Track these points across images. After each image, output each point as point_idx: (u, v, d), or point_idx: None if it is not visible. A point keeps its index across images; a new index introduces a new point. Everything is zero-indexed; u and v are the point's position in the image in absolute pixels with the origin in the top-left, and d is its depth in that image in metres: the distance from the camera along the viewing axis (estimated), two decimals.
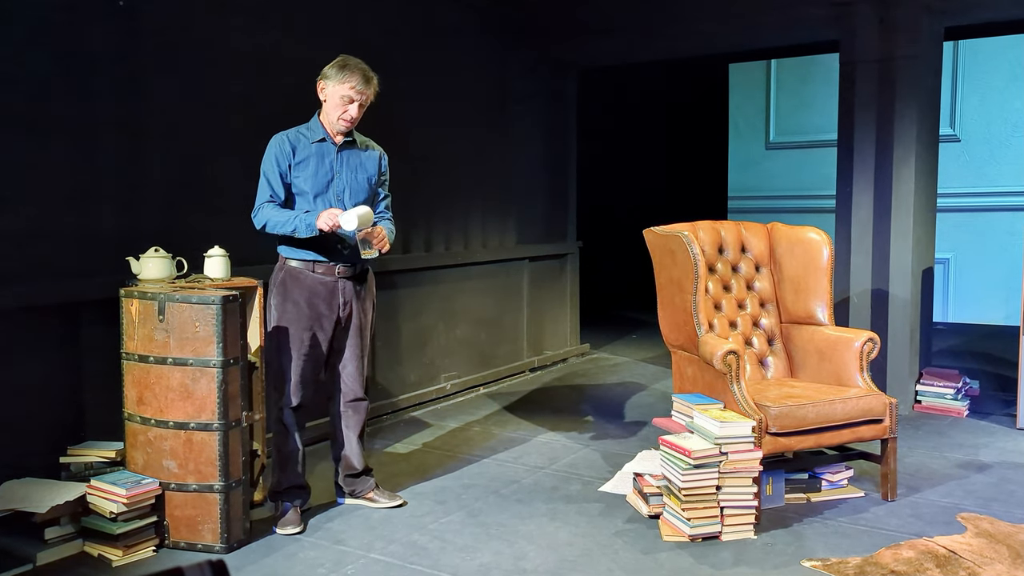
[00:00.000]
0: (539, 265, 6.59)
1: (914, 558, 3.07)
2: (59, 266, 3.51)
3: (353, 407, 3.62)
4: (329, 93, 3.38)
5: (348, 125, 3.40)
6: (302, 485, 3.55)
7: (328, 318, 3.46)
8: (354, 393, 3.60)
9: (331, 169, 3.42)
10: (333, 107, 3.38)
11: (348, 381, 3.58)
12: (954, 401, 5.10)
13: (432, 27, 5.47)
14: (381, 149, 3.62)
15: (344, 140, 3.46)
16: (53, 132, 3.49)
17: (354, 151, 3.49)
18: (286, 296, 3.42)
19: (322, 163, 3.41)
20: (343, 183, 3.44)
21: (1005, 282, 7.80)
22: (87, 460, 3.37)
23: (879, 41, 5.11)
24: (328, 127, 3.43)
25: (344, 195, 3.44)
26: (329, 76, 3.38)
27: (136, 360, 3.25)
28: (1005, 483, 3.90)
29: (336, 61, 3.39)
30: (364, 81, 3.36)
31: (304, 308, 3.42)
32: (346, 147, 3.47)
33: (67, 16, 3.52)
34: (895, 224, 5.13)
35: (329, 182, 3.42)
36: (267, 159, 3.39)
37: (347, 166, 3.46)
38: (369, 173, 3.52)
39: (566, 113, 6.88)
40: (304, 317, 3.42)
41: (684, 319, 3.86)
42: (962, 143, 8.25)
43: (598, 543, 3.27)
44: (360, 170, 3.49)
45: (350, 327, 3.52)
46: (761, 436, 3.43)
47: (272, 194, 3.37)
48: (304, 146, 3.41)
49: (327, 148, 3.43)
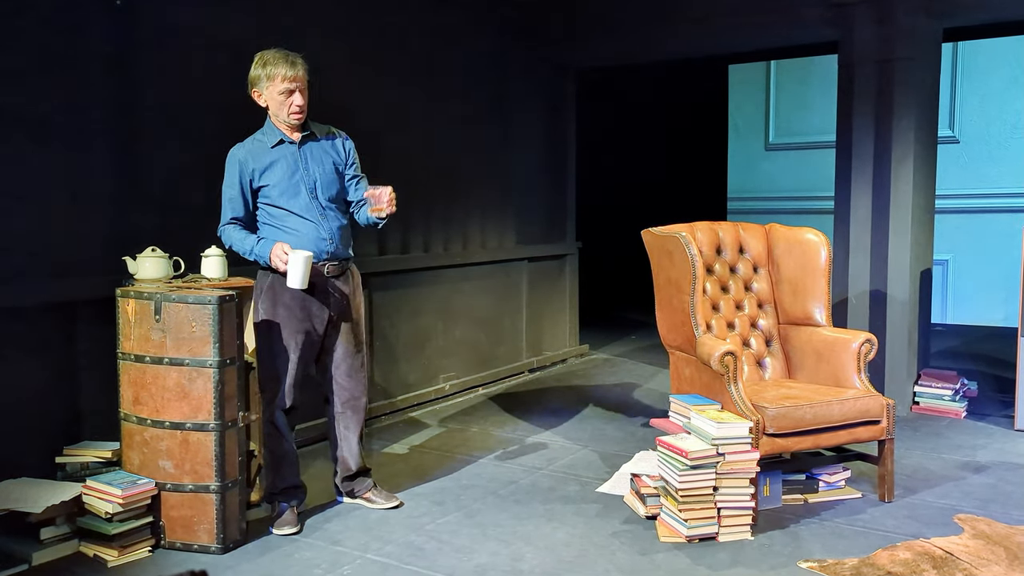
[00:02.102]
0: (538, 266, 6.59)
1: (911, 559, 3.06)
2: (55, 265, 3.51)
3: (351, 407, 3.59)
4: (267, 95, 3.34)
5: (300, 115, 3.36)
6: (297, 485, 3.54)
7: (320, 317, 3.44)
8: (350, 392, 3.58)
9: (297, 168, 3.39)
10: (278, 106, 3.34)
11: (342, 380, 3.56)
12: (952, 402, 5.09)
13: (431, 27, 5.46)
14: (342, 133, 3.56)
15: (302, 135, 3.43)
16: (50, 131, 3.49)
17: (315, 143, 3.46)
18: (276, 300, 3.39)
19: (287, 164, 3.37)
20: (312, 178, 3.41)
21: (1004, 283, 7.80)
22: (83, 460, 3.37)
23: (878, 42, 5.11)
24: (282, 127, 3.40)
25: (317, 190, 3.41)
26: (258, 80, 3.33)
27: (132, 360, 3.24)
28: (1002, 484, 3.89)
29: (256, 62, 3.34)
30: (291, 66, 3.30)
31: (296, 311, 3.39)
32: (306, 141, 3.44)
33: (66, 16, 3.52)
34: (893, 225, 5.13)
35: (298, 181, 3.38)
36: (226, 178, 3.39)
37: (312, 160, 3.42)
38: (335, 160, 3.49)
39: (565, 113, 6.87)
40: (296, 320, 3.39)
41: (682, 320, 3.86)
42: (961, 144, 8.24)
43: (595, 544, 3.27)
44: (325, 160, 3.46)
45: (341, 325, 3.51)
46: (758, 437, 3.43)
47: (233, 215, 3.39)
48: (262, 153, 3.37)
49: (287, 148, 3.40)
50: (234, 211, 3.39)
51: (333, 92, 4.30)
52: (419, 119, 5.34)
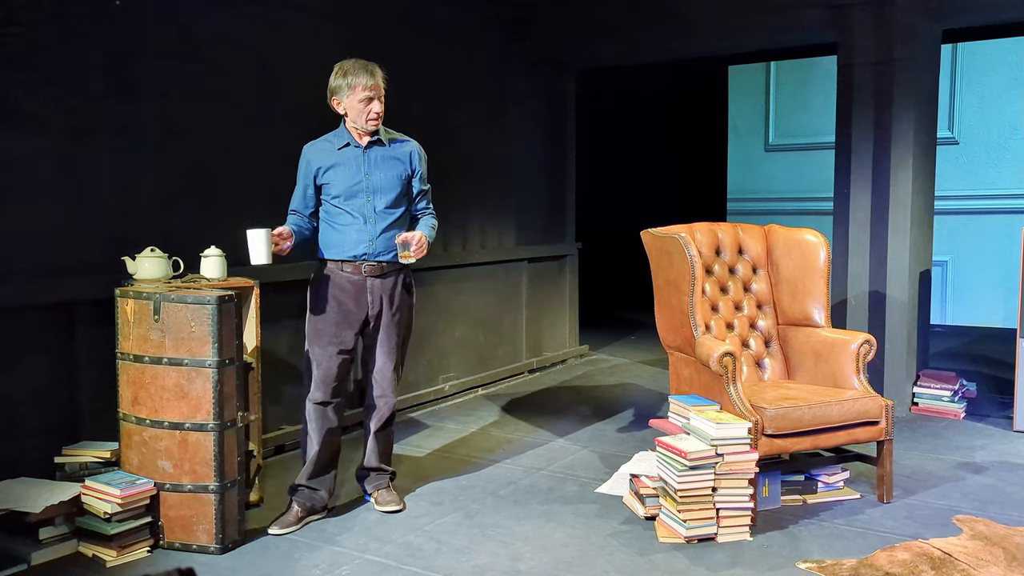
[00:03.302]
0: (538, 266, 6.59)
1: (909, 560, 3.07)
2: (55, 265, 3.50)
3: (378, 403, 3.64)
4: (347, 104, 3.44)
5: (377, 122, 3.46)
6: (310, 487, 3.51)
7: (356, 315, 3.51)
8: (380, 389, 3.63)
9: (359, 171, 3.47)
10: (357, 114, 3.44)
11: (376, 377, 3.62)
12: (951, 403, 5.09)
13: (431, 27, 5.47)
14: (415, 142, 3.64)
15: (369, 140, 3.50)
16: (50, 131, 3.48)
17: (380, 148, 3.53)
18: (318, 293, 3.51)
19: (349, 167, 3.47)
20: (373, 183, 3.48)
21: (1003, 284, 7.81)
22: (82, 460, 3.37)
23: (877, 43, 5.11)
24: (355, 132, 3.49)
25: (375, 195, 3.48)
26: (339, 89, 3.43)
27: (131, 360, 3.24)
28: (1001, 485, 3.89)
29: (336, 72, 3.44)
30: (370, 75, 3.41)
31: (333, 305, 3.49)
32: (372, 146, 3.51)
33: (65, 15, 3.52)
34: (893, 226, 5.13)
35: (358, 184, 3.46)
36: (299, 171, 3.54)
37: (375, 165, 3.50)
38: (400, 168, 3.55)
39: (565, 114, 6.87)
40: (332, 313, 3.49)
41: (681, 320, 3.86)
42: (960, 146, 8.24)
43: (594, 544, 3.27)
44: (390, 167, 3.52)
45: (380, 325, 3.55)
46: (757, 438, 3.43)
47: (293, 206, 3.54)
48: (329, 154, 3.48)
49: (352, 152, 3.49)
50: (295, 203, 3.54)
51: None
52: (419, 119, 5.33)
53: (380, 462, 3.69)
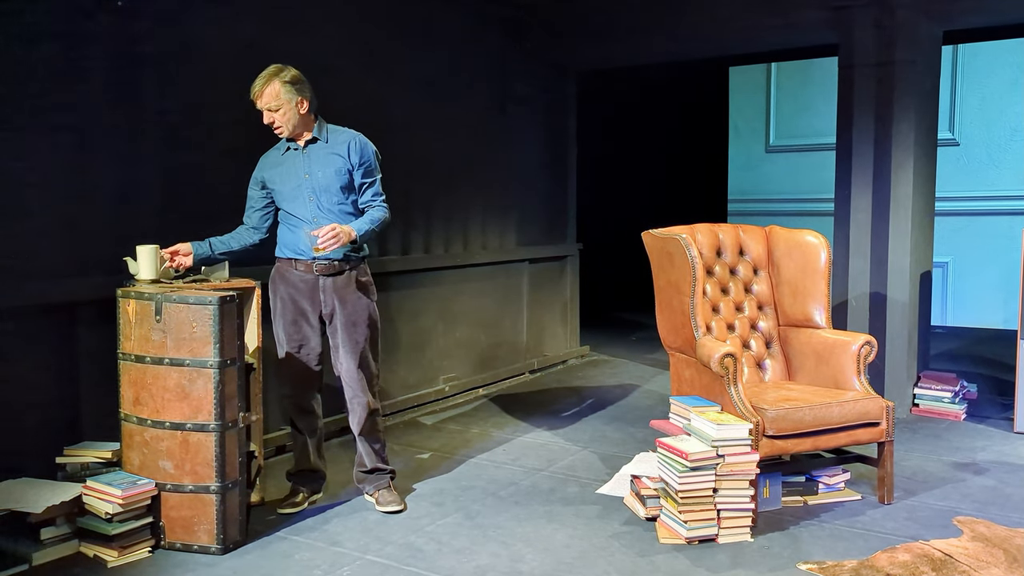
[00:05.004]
0: (539, 267, 6.59)
1: (910, 561, 3.07)
2: (56, 266, 3.51)
3: (352, 405, 3.63)
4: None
5: (281, 133, 3.49)
6: (312, 470, 3.69)
7: (311, 314, 3.57)
8: (351, 391, 3.61)
9: (299, 172, 3.51)
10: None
11: (345, 379, 3.61)
12: (952, 404, 5.09)
13: (431, 28, 5.47)
14: (352, 132, 3.59)
15: (306, 140, 3.53)
16: (51, 132, 3.49)
17: (319, 146, 3.54)
18: (275, 292, 3.60)
19: (290, 167, 3.53)
20: (316, 182, 3.50)
21: (1003, 286, 7.81)
22: (83, 460, 3.37)
23: (878, 45, 5.11)
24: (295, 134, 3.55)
25: (318, 194, 3.50)
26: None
27: (133, 360, 3.25)
28: (1002, 487, 3.89)
29: None
30: (255, 97, 3.43)
31: (288, 303, 3.57)
32: (310, 145, 3.54)
33: (65, 16, 3.52)
34: (893, 227, 5.13)
35: (299, 185, 3.51)
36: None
37: (316, 164, 3.51)
38: (339, 163, 3.51)
39: (566, 115, 6.88)
40: (288, 311, 3.57)
41: (682, 322, 3.86)
42: (961, 147, 8.24)
43: (595, 545, 3.27)
44: (329, 163, 3.51)
45: (337, 324, 3.55)
46: (758, 439, 3.43)
47: (244, 217, 3.64)
48: (274, 160, 3.57)
49: (292, 154, 3.55)
50: (245, 213, 3.65)
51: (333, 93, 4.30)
52: (419, 120, 5.34)
53: (375, 462, 3.69)
